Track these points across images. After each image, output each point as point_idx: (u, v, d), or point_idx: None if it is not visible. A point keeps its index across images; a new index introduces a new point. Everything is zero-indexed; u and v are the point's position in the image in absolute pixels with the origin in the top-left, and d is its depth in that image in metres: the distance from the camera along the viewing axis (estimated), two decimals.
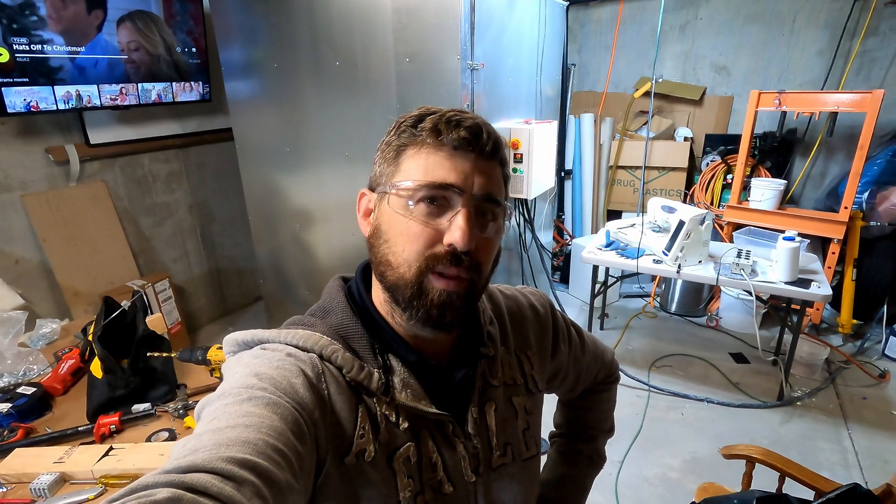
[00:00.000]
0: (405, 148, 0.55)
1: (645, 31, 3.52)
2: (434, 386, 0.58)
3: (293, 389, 0.49)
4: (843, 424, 2.25)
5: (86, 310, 2.43)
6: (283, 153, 2.30)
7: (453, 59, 1.78)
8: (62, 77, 2.12)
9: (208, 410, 0.48)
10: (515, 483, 0.63)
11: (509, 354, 0.67)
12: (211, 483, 0.37)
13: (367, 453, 0.53)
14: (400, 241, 0.53)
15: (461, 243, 0.51)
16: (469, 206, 0.53)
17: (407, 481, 0.54)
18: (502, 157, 0.58)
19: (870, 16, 2.85)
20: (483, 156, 0.54)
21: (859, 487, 0.91)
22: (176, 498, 0.34)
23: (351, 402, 0.54)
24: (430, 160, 0.53)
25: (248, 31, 2.21)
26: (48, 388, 1.30)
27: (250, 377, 0.49)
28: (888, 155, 2.78)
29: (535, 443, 0.66)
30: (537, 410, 0.69)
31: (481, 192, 0.54)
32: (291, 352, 0.54)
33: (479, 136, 0.53)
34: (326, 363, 0.54)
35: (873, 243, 2.83)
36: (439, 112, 0.55)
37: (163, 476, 0.37)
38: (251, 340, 0.57)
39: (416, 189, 0.53)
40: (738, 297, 2.98)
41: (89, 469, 1.02)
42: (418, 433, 0.56)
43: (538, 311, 0.73)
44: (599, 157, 3.71)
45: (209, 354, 1.17)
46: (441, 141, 0.53)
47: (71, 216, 2.42)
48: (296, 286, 2.60)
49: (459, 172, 0.53)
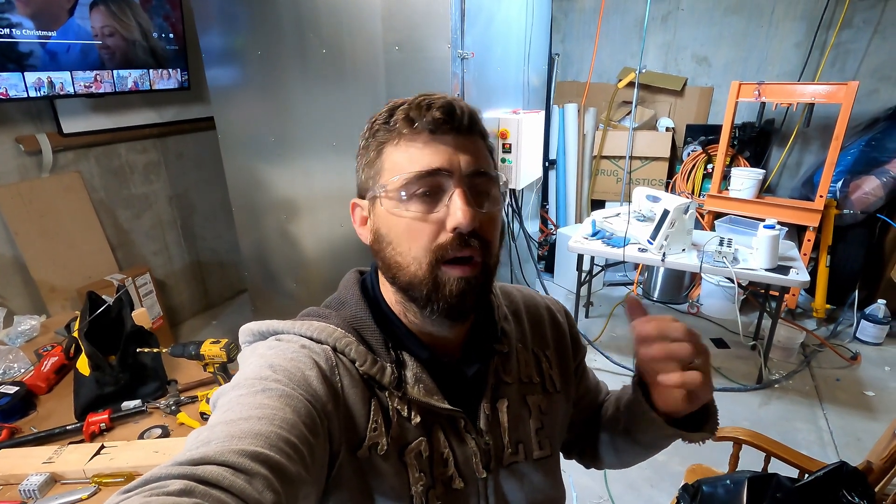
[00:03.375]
0: (383, 145, 0.54)
1: (628, 20, 3.55)
2: (446, 382, 0.58)
3: (307, 382, 0.50)
4: (818, 405, 2.35)
5: (63, 306, 2.35)
6: (267, 143, 2.25)
7: (443, 47, 1.75)
8: (32, 63, 2.02)
9: (223, 401, 0.48)
10: (528, 483, 0.62)
11: (526, 351, 0.66)
12: (222, 475, 0.37)
13: (380, 447, 0.53)
14: (404, 240, 0.53)
15: (465, 223, 0.50)
16: (462, 184, 0.52)
17: (419, 475, 0.54)
18: (482, 130, 0.57)
19: (845, 9, 2.93)
20: (462, 132, 0.53)
21: (846, 465, 0.95)
22: (188, 490, 0.35)
23: (364, 396, 0.54)
24: (410, 150, 0.52)
25: (230, 17, 2.14)
26: (31, 387, 1.26)
27: (265, 368, 0.50)
28: (861, 145, 2.87)
29: (549, 443, 0.65)
30: (554, 411, 0.67)
31: (470, 168, 0.53)
32: (306, 343, 0.54)
33: (452, 113, 0.52)
34: (340, 356, 0.54)
35: (846, 231, 2.94)
36: (408, 101, 0.54)
37: (175, 468, 0.37)
38: (266, 331, 0.57)
39: (404, 184, 0.52)
40: (719, 285, 3.05)
41: (81, 468, 0.99)
42: (430, 428, 0.56)
43: (555, 314, 0.73)
44: (583, 147, 3.74)
45: (202, 349, 1.14)
46: (416, 128, 0.52)
47: (44, 209, 2.33)
48: (282, 278, 2.56)
49: (443, 154, 0.52)
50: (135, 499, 0.34)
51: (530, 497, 0.62)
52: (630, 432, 0.69)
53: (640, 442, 0.68)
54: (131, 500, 0.34)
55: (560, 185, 3.81)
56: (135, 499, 0.34)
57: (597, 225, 2.71)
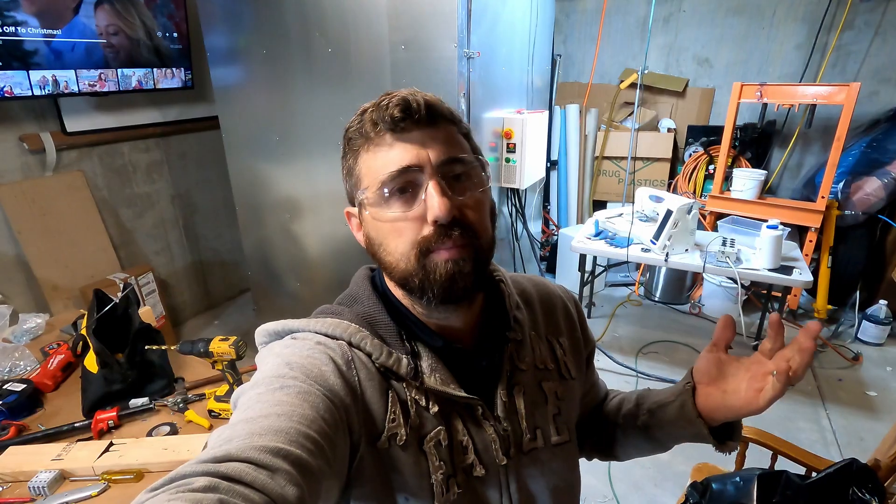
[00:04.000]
0: (357, 152, 0.56)
1: (629, 22, 3.56)
2: (461, 371, 0.59)
3: (323, 377, 0.51)
4: (820, 405, 2.35)
5: (65, 304, 2.34)
6: (272, 142, 2.25)
7: (450, 46, 1.76)
8: (37, 61, 2.02)
9: (243, 400, 0.49)
10: (548, 469, 0.63)
11: (540, 339, 0.67)
12: (245, 472, 0.38)
13: (399, 437, 0.54)
14: (390, 241, 0.54)
15: (441, 214, 0.51)
16: (435, 176, 0.52)
17: (439, 464, 0.55)
18: (450, 116, 0.56)
19: (846, 11, 2.94)
20: (423, 124, 0.53)
21: (856, 462, 0.95)
22: (212, 486, 0.36)
23: (381, 388, 0.54)
24: (379, 153, 0.54)
25: (234, 16, 2.14)
26: (38, 385, 1.26)
27: (282, 366, 0.51)
28: (862, 146, 2.88)
29: (567, 429, 0.66)
30: (569, 397, 0.68)
31: (440, 158, 0.53)
32: (321, 340, 0.55)
33: (408, 108, 0.52)
34: (355, 350, 0.55)
35: (847, 231, 2.94)
36: (373, 103, 0.55)
37: (199, 466, 0.38)
38: (282, 330, 0.58)
39: (380, 187, 0.53)
40: (721, 285, 3.06)
41: (90, 465, 0.99)
42: (448, 417, 0.57)
43: (566, 303, 0.74)
44: (585, 147, 3.75)
45: (211, 346, 1.14)
46: (380, 130, 0.53)
47: (48, 207, 2.32)
48: (285, 277, 2.56)
49: (410, 151, 0.52)
50: (161, 496, 0.35)
51: (551, 483, 0.63)
52: (649, 429, 0.70)
53: (658, 440, 0.70)
54: (158, 497, 0.35)
55: (562, 186, 3.82)
56: (161, 496, 0.35)
57: (600, 225, 2.72)
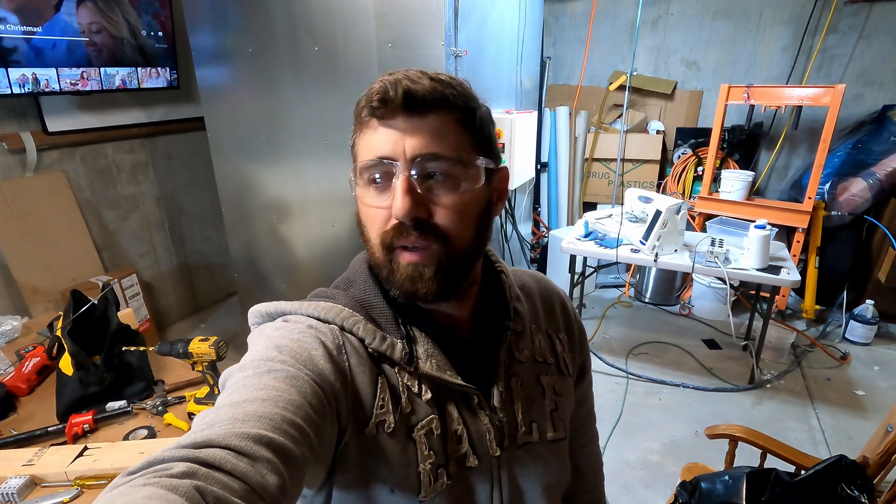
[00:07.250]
0: (356, 132, 0.54)
1: (618, 24, 3.58)
2: (458, 359, 0.57)
3: (313, 362, 0.49)
4: (809, 405, 2.36)
5: (46, 307, 2.29)
6: (258, 142, 2.22)
7: (437, 45, 1.75)
8: (17, 59, 1.98)
9: (230, 382, 0.48)
10: (541, 465, 0.62)
11: (540, 332, 0.66)
12: (226, 459, 0.37)
13: (387, 424, 0.52)
14: (367, 225, 0.54)
15: (400, 213, 0.49)
16: (405, 171, 0.49)
17: (428, 453, 0.54)
18: (447, 104, 0.50)
19: (830, 14, 2.98)
20: (406, 112, 0.49)
21: (844, 458, 0.94)
22: (191, 472, 0.35)
23: (371, 374, 0.53)
24: (365, 138, 0.52)
25: (220, 15, 2.12)
26: (11, 388, 1.22)
27: (271, 349, 0.49)
28: (847, 148, 2.92)
29: (563, 426, 0.65)
30: (567, 394, 0.67)
31: (416, 152, 0.49)
32: (312, 324, 0.54)
33: (385, 98, 0.48)
34: (347, 335, 0.54)
35: (834, 232, 2.97)
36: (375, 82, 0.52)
37: (178, 451, 0.37)
38: (274, 312, 0.57)
39: (360, 173, 0.52)
40: (710, 286, 3.07)
41: (63, 470, 0.96)
42: (443, 404, 0.56)
43: (565, 302, 0.73)
44: (574, 149, 3.76)
45: (190, 347, 1.11)
46: (367, 116, 0.51)
47: (28, 208, 2.27)
48: (272, 280, 2.52)
49: (388, 140, 0.50)
50: (137, 480, 0.34)
51: (544, 480, 0.62)
52: None
53: None
54: (134, 482, 0.34)
55: (552, 188, 3.82)
56: (137, 480, 0.34)
57: (589, 226, 2.71)
